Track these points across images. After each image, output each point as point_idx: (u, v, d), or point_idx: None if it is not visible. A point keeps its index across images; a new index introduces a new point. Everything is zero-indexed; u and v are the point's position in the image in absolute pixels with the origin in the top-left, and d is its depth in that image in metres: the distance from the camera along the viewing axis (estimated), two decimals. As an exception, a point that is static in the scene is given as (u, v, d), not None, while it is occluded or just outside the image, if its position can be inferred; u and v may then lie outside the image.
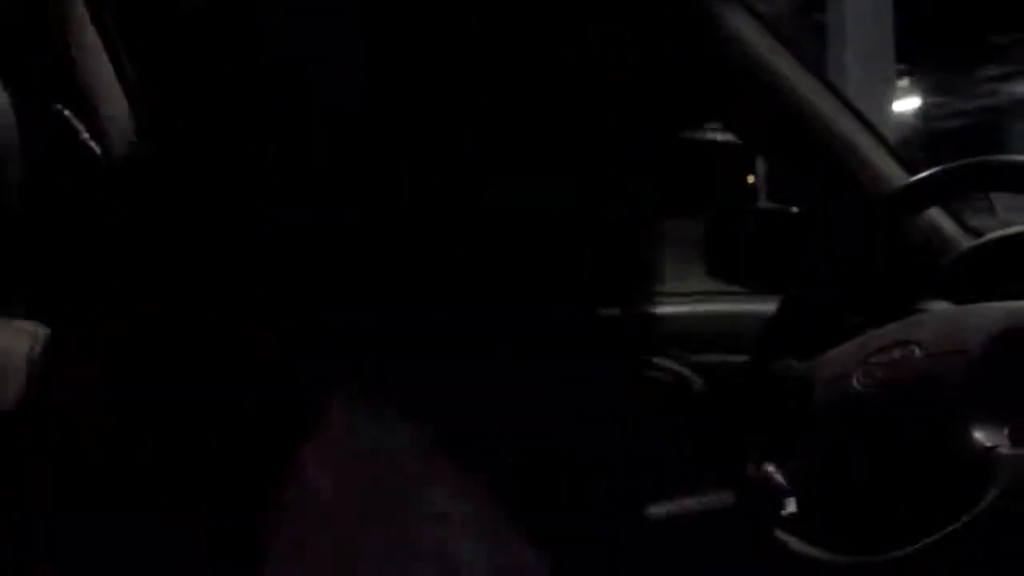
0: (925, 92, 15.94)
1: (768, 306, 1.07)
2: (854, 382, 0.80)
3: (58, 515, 0.33)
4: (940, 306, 0.96)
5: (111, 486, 0.33)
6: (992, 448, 0.66)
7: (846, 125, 1.05)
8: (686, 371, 1.29)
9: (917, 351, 0.77)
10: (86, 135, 0.95)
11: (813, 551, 0.77)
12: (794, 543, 0.78)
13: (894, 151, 1.09)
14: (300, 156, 0.38)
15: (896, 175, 1.07)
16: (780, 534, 0.80)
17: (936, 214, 1.15)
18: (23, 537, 0.33)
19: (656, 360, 1.28)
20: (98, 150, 0.95)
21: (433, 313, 0.40)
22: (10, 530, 0.33)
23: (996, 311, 0.75)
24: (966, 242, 1.10)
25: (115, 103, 0.96)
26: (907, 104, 15.53)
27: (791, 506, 0.81)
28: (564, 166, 0.43)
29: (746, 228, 1.32)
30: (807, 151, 1.07)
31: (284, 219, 0.37)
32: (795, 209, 1.28)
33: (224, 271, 0.36)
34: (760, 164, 1.65)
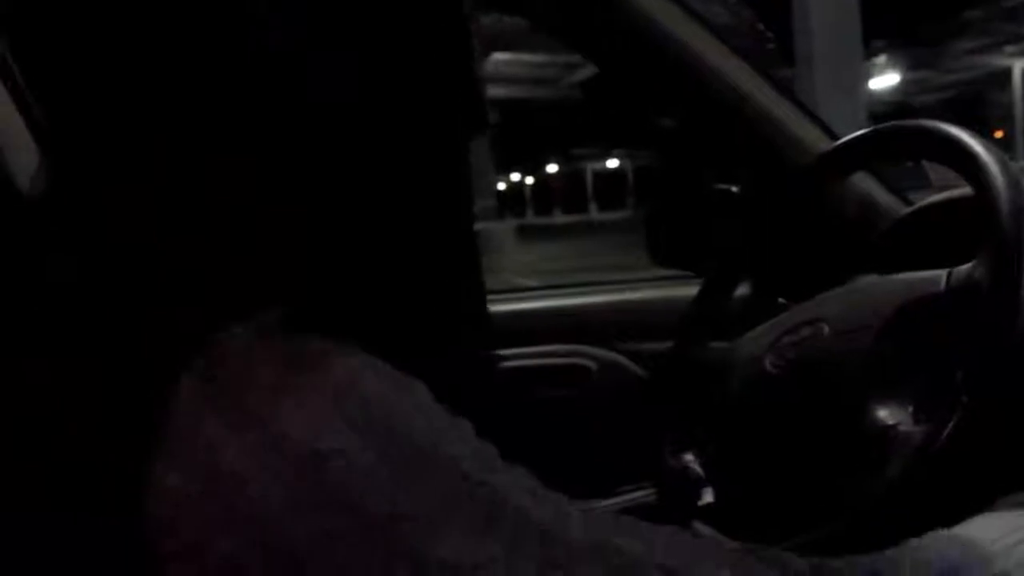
0: (903, 68, 16.00)
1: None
2: (767, 364, 0.77)
3: (54, 514, 0.33)
4: (867, 279, 0.93)
5: (105, 485, 0.32)
6: (893, 426, 0.63)
7: (764, 96, 1.02)
8: (625, 360, 1.26)
9: (825, 329, 0.73)
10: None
11: (727, 541, 0.74)
12: (709, 533, 0.75)
13: (817, 120, 1.06)
14: (293, 151, 0.38)
15: (820, 143, 1.04)
16: (697, 525, 0.77)
17: (871, 186, 1.12)
18: (19, 535, 0.33)
19: (592, 350, 1.25)
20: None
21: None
22: (8, 529, 0.33)
23: (897, 284, 0.72)
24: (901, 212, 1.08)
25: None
26: (886, 81, 15.58)
27: (708, 496, 0.78)
28: None
29: (688, 211, 1.29)
30: (726, 126, 1.04)
31: (277, 214, 0.37)
32: (735, 189, 1.26)
33: (217, 267, 0.36)
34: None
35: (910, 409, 0.65)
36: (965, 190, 0.79)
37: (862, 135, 0.85)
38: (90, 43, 0.37)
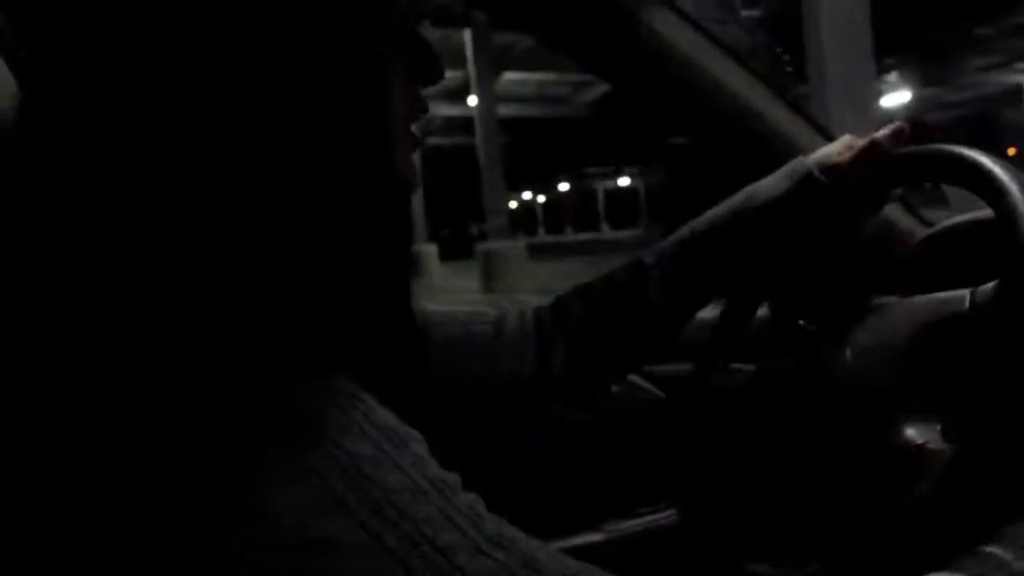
0: (915, 85, 15.99)
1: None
2: (790, 386, 0.78)
3: (54, 514, 0.33)
4: (890, 300, 0.93)
5: (105, 485, 0.33)
6: (922, 445, 0.63)
7: (778, 115, 1.03)
8: (645, 382, 1.27)
9: (849, 351, 0.74)
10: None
11: (759, 565, 0.74)
12: (742, 558, 0.75)
13: (830, 138, 1.07)
14: (293, 152, 0.38)
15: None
16: (727, 550, 0.77)
17: (890, 207, 1.12)
18: (19, 535, 0.33)
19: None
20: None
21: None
22: (8, 529, 0.33)
23: (920, 304, 0.72)
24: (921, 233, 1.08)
25: None
26: (897, 98, 15.56)
27: (730, 517, 0.78)
28: None
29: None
30: (739, 144, 1.05)
31: (277, 213, 0.38)
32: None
33: (217, 267, 0.36)
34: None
35: (938, 428, 0.65)
36: (985, 211, 0.80)
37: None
38: (91, 43, 0.37)
